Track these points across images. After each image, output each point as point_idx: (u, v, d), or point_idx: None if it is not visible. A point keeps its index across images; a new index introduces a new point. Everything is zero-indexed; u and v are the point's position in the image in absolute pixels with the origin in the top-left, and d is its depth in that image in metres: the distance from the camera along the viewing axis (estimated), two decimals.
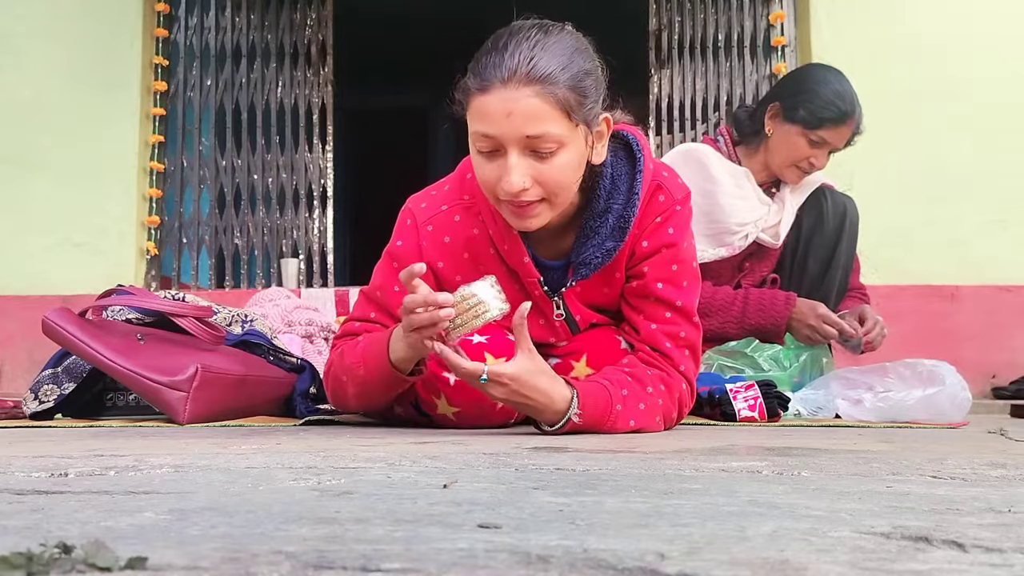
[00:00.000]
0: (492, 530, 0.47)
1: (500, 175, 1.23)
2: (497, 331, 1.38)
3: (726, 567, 0.39)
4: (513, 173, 1.21)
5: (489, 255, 1.41)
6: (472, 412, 1.38)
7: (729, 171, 2.09)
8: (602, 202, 1.37)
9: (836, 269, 2.14)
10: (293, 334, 2.39)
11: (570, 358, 1.47)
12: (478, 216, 1.41)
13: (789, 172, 2.10)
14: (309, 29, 3.87)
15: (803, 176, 2.11)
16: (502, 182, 1.23)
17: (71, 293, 3.31)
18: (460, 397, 1.36)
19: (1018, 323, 3.41)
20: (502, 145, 1.22)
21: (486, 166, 1.26)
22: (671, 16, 3.83)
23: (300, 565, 0.38)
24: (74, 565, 0.38)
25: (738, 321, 2.03)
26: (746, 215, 2.07)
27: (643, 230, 1.39)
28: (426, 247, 1.42)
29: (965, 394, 1.71)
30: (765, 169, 2.13)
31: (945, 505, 0.58)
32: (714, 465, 0.83)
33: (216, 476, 0.72)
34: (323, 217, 3.80)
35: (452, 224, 1.42)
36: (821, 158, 2.06)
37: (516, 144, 1.21)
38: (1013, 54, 3.56)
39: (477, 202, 1.40)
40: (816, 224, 2.13)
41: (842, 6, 3.62)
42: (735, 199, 2.06)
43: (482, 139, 1.23)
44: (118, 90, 3.69)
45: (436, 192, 1.48)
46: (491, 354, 1.33)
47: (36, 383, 1.72)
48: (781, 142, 2.07)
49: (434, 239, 1.42)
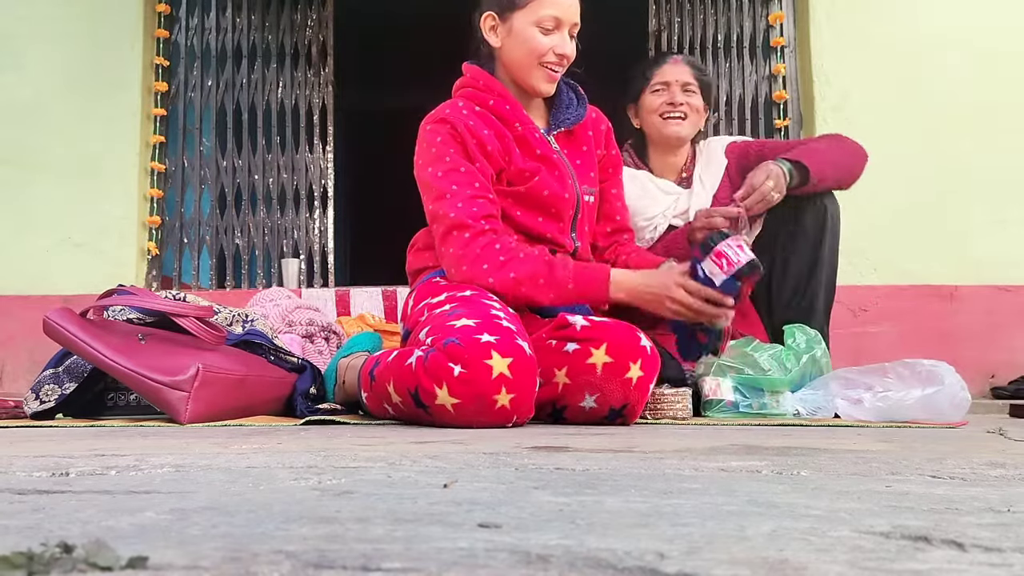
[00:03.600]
0: (492, 529, 0.47)
1: (553, 45, 1.79)
2: (506, 331, 1.45)
3: (726, 566, 0.39)
4: (567, 43, 1.81)
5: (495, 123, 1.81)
6: (472, 406, 1.39)
7: (632, 177, 2.26)
8: (564, 95, 1.92)
9: (821, 268, 2.14)
10: (294, 334, 2.39)
11: (589, 345, 1.56)
12: (486, 99, 1.84)
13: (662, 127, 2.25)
14: (310, 30, 3.87)
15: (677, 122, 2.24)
16: (559, 49, 1.79)
17: (72, 293, 3.32)
18: (463, 390, 1.39)
19: (1017, 323, 3.41)
20: (561, 26, 1.79)
21: (544, 39, 1.79)
22: (671, 16, 3.83)
23: (301, 564, 0.38)
24: (75, 564, 0.38)
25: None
26: (651, 210, 2.24)
27: (593, 121, 1.96)
28: (474, 124, 1.78)
29: (964, 394, 1.71)
30: (663, 157, 2.32)
31: (944, 505, 0.58)
32: (714, 465, 0.83)
33: (217, 476, 0.73)
34: (324, 217, 3.80)
35: (468, 107, 1.83)
36: (677, 95, 2.23)
37: (570, 25, 1.81)
38: (1013, 54, 3.56)
39: (480, 94, 1.85)
40: (797, 224, 2.12)
41: (842, 6, 3.62)
42: (636, 200, 2.21)
43: (550, 19, 1.78)
44: (119, 91, 3.69)
45: (435, 110, 1.83)
46: (498, 353, 1.40)
47: (37, 383, 1.72)
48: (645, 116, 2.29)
49: (477, 122, 1.79)
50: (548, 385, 1.56)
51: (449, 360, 1.40)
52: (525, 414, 1.46)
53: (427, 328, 1.58)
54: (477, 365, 1.39)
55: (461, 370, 1.39)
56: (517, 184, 1.79)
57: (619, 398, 1.54)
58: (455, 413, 1.40)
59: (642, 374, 1.54)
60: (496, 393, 1.39)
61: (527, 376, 1.43)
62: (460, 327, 1.47)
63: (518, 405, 1.42)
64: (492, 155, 1.77)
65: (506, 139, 1.80)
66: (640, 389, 1.55)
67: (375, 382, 1.57)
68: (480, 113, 1.81)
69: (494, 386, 1.39)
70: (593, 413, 1.56)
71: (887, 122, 3.51)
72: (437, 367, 1.40)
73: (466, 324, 1.47)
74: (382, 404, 1.56)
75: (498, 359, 1.39)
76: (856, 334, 3.29)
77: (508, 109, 1.82)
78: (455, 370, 1.39)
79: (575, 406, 1.57)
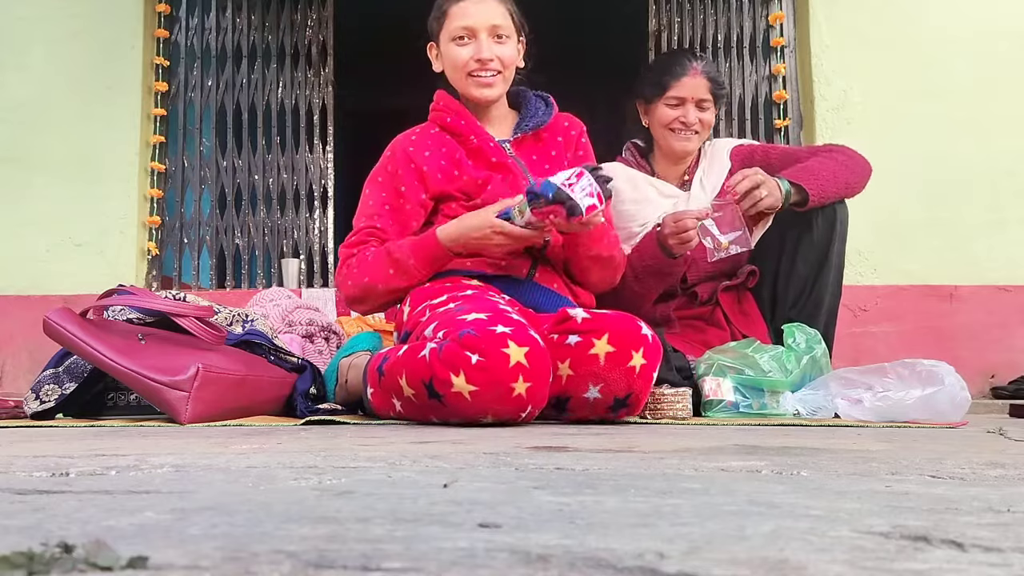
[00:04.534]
0: (492, 529, 0.47)
1: (472, 53, 1.86)
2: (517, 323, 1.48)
3: (726, 566, 0.39)
4: (484, 47, 1.86)
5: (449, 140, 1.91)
6: (489, 393, 1.40)
7: (629, 178, 2.24)
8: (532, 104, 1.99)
9: (828, 270, 2.14)
10: (294, 334, 2.39)
11: (591, 336, 1.57)
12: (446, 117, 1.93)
13: (672, 140, 2.22)
14: (309, 30, 3.87)
15: (688, 137, 2.21)
16: (476, 54, 1.85)
17: (72, 293, 3.32)
18: (481, 377, 1.40)
19: (1017, 323, 3.41)
20: (475, 33, 1.86)
21: (461, 51, 1.87)
22: (671, 17, 3.83)
23: (301, 564, 0.38)
24: (75, 564, 0.38)
25: (632, 275, 2.09)
26: (647, 215, 2.20)
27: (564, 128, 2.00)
28: (413, 150, 1.91)
29: (964, 394, 1.71)
30: (667, 159, 2.28)
31: (944, 505, 0.58)
32: (713, 465, 0.83)
33: (217, 476, 0.73)
34: (324, 217, 3.80)
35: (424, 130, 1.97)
36: (689, 113, 2.18)
37: (485, 29, 1.86)
38: (1013, 54, 3.56)
39: (440, 114, 1.95)
40: (807, 226, 2.11)
41: (842, 6, 3.62)
42: (632, 204, 2.21)
43: (461, 31, 1.86)
44: (119, 91, 3.69)
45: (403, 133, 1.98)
46: (514, 342, 1.42)
47: (37, 383, 1.72)
48: (655, 123, 2.25)
49: (419, 143, 1.92)
50: (553, 379, 1.55)
51: (465, 349, 1.42)
52: (539, 404, 1.46)
53: (435, 324, 1.58)
54: (495, 353, 1.40)
55: (479, 358, 1.40)
56: (474, 196, 1.86)
57: (623, 387, 1.55)
58: (471, 400, 1.41)
59: (644, 362, 1.55)
60: (513, 381, 1.40)
61: (542, 365, 1.44)
62: (472, 320, 1.48)
63: (534, 394, 1.43)
64: (428, 176, 1.88)
65: (457, 154, 1.91)
66: (643, 377, 1.56)
67: (384, 377, 1.57)
68: (435, 134, 1.94)
69: (511, 374, 1.40)
70: (597, 404, 1.57)
71: (887, 122, 3.52)
72: (454, 356, 1.42)
73: (478, 317, 1.49)
74: (390, 399, 1.56)
75: (515, 348, 1.41)
76: (856, 334, 3.29)
77: (463, 124, 1.92)
78: (472, 358, 1.40)
79: (579, 397, 1.57)
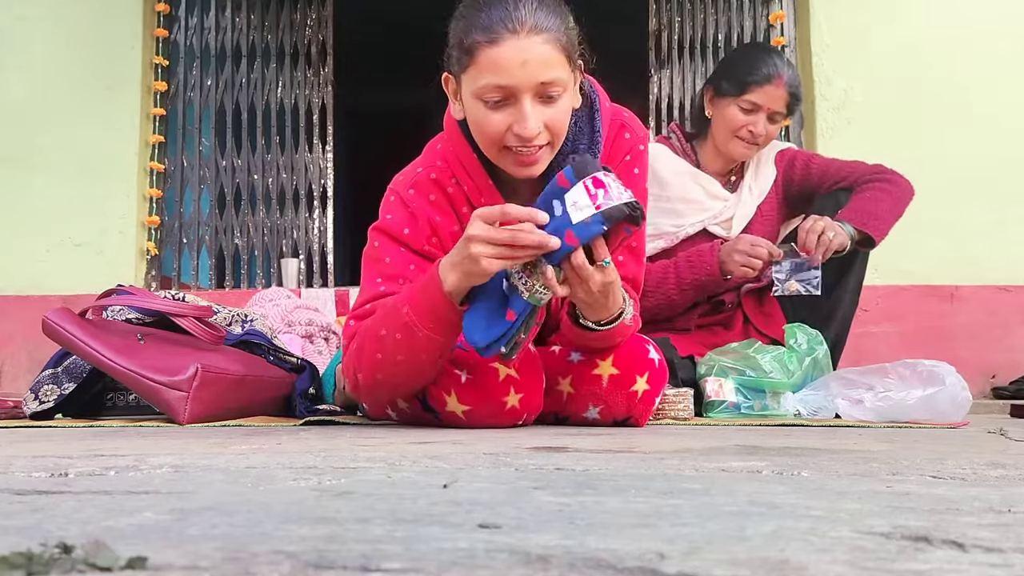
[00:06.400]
0: (492, 530, 0.47)
1: (509, 123, 1.30)
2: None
3: (726, 567, 0.39)
4: (530, 119, 1.28)
5: (464, 214, 1.44)
6: (483, 411, 1.38)
7: (676, 171, 2.15)
8: (569, 144, 1.41)
9: (852, 273, 2.13)
10: (293, 334, 2.39)
11: (596, 356, 1.48)
12: (452, 177, 1.46)
13: (733, 146, 2.13)
14: (309, 29, 3.87)
15: (749, 147, 2.13)
16: (517, 128, 1.29)
17: (71, 293, 3.31)
18: (472, 395, 1.37)
19: (1018, 323, 3.40)
20: (515, 94, 1.28)
21: (493, 116, 1.30)
22: (671, 16, 3.83)
23: (300, 565, 0.38)
24: (74, 565, 0.38)
25: (676, 285, 2.04)
26: (692, 217, 2.13)
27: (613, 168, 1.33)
28: (416, 208, 1.45)
29: (965, 394, 1.71)
30: (719, 156, 2.18)
31: (945, 505, 0.58)
32: (714, 465, 0.83)
33: (216, 476, 0.72)
34: (323, 217, 3.80)
35: (430, 182, 1.47)
36: (759, 124, 2.09)
37: (530, 91, 1.28)
38: (1013, 54, 3.56)
39: (450, 164, 1.46)
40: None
41: (843, 6, 3.62)
42: (679, 203, 2.12)
43: (494, 90, 1.28)
44: (118, 90, 3.69)
45: (409, 167, 1.53)
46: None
47: (36, 383, 1.72)
48: (719, 119, 2.13)
49: (420, 200, 1.46)
50: (552, 394, 1.50)
51: (455, 367, 1.38)
52: (535, 411, 1.44)
53: None
54: (483, 368, 1.37)
55: (467, 376, 1.37)
56: None
57: (623, 411, 1.48)
58: (466, 418, 1.39)
59: (648, 388, 1.46)
60: (505, 395, 1.37)
61: (533, 374, 1.41)
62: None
63: (527, 403, 1.40)
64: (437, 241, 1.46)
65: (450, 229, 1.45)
66: (645, 403, 1.48)
67: None
68: (434, 202, 1.45)
69: (502, 388, 1.37)
70: (595, 424, 1.52)
71: (887, 122, 3.51)
72: (443, 375, 1.38)
73: None
74: (385, 410, 1.55)
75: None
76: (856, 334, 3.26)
77: (482, 201, 1.41)
78: (461, 377, 1.37)
79: (577, 416, 1.52)
